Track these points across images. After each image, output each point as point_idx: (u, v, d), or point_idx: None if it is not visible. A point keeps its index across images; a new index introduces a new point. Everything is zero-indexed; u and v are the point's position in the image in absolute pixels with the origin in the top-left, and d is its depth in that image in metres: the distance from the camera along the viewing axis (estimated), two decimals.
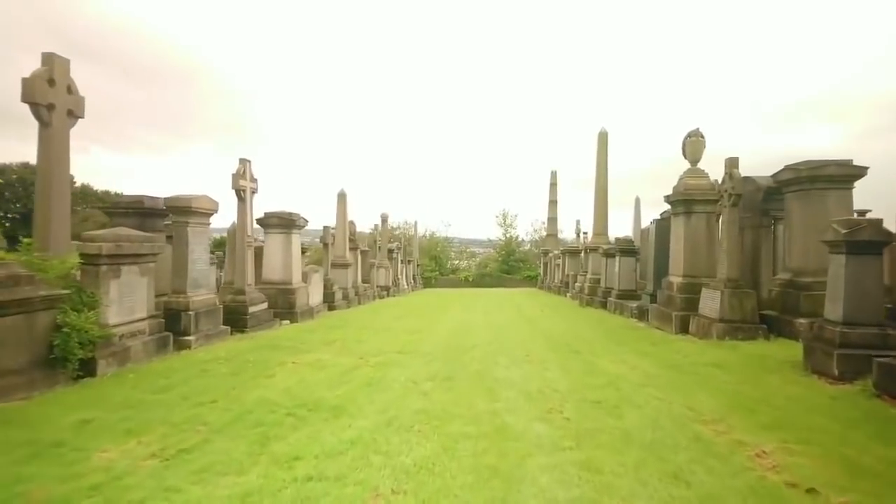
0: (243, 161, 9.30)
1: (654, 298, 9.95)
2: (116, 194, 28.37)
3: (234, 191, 9.16)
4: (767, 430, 3.54)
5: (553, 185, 32.21)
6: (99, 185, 32.63)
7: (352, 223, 16.57)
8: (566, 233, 34.04)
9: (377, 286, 19.98)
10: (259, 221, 10.77)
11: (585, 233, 25.86)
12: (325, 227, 14.13)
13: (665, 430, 3.55)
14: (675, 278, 8.97)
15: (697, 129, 8.94)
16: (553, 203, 32.21)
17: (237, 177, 9.06)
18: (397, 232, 35.56)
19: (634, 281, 12.71)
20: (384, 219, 22.06)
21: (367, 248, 20.99)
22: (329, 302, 13.33)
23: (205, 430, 3.54)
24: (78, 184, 35.93)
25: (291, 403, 4.23)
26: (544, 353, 6.65)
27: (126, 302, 6.10)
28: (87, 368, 5.14)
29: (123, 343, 5.93)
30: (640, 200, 18.36)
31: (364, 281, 18.71)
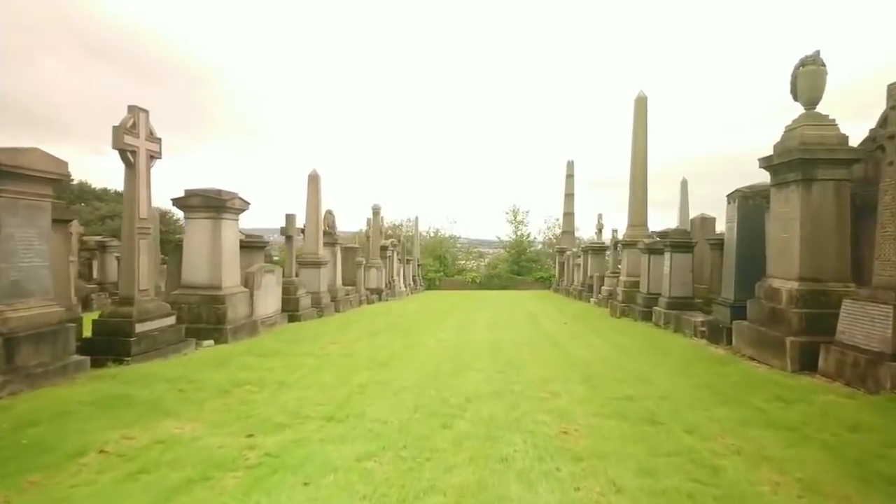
0: (134, 110, 6.33)
1: (737, 311, 6.81)
2: (116, 192, 25.19)
3: (117, 152, 6.19)
4: None
5: (569, 176, 28.96)
6: (114, 185, 29.45)
7: (329, 213, 13.59)
8: (582, 231, 30.86)
9: (366, 289, 16.98)
10: (177, 203, 7.81)
11: (603, 228, 22.60)
12: (289, 216, 11.12)
13: None
14: (784, 283, 5.82)
15: (817, 52, 5.80)
16: (569, 196, 28.96)
17: (121, 130, 6.08)
18: (399, 231, 32.59)
19: (691, 285, 9.56)
20: (376, 211, 19.07)
21: (355, 246, 18.04)
22: (291, 311, 10.35)
23: None
24: (75, 181, 33.70)
25: None
26: (596, 426, 3.56)
27: None
28: None
29: None
30: (686, 183, 15.06)
31: (348, 283, 15.73)
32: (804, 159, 5.58)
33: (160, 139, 6.71)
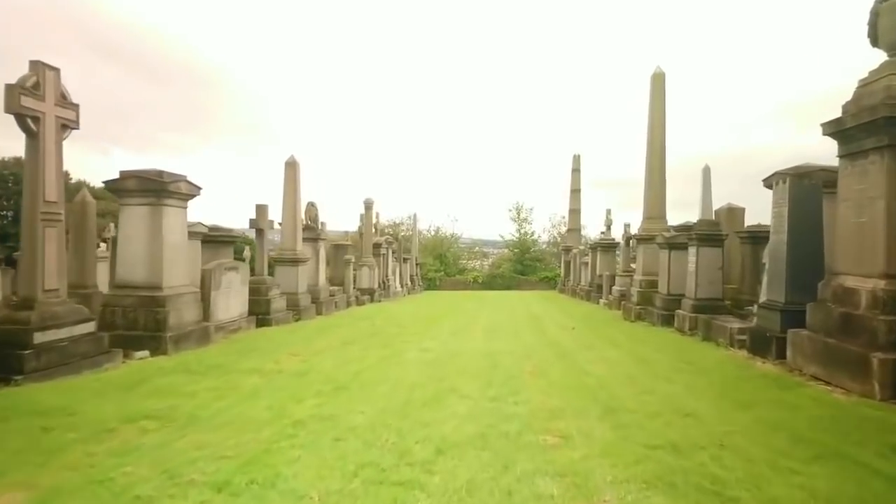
0: (38, 66, 5.08)
1: (789, 316, 5.48)
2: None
3: (14, 117, 4.94)
4: None
5: (575, 170, 27.47)
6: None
7: (312, 205, 12.34)
8: (589, 229, 29.42)
9: (356, 289, 15.71)
10: (109, 186, 6.57)
11: (612, 224, 21.18)
12: (259, 207, 9.85)
13: None
14: (863, 282, 4.50)
15: None
16: (576, 192, 27.48)
17: (16, 90, 4.83)
18: (398, 230, 31.33)
19: (721, 284, 8.23)
20: (368, 205, 17.80)
21: (345, 242, 16.82)
22: (261, 314, 9.09)
23: None
24: (74, 181, 32.90)
25: None
26: None
27: None
28: None
29: None
30: (709, 170, 13.61)
31: (336, 283, 14.49)
32: (891, 118, 4.25)
33: (77, 105, 5.47)
